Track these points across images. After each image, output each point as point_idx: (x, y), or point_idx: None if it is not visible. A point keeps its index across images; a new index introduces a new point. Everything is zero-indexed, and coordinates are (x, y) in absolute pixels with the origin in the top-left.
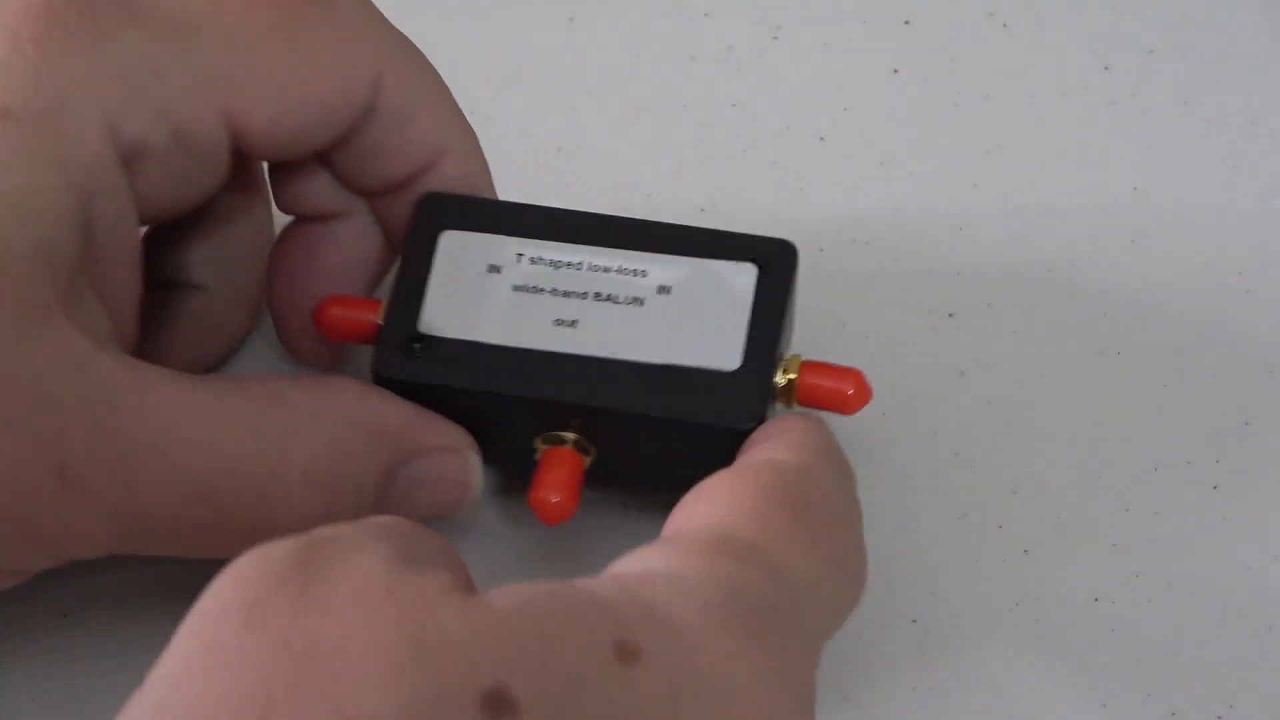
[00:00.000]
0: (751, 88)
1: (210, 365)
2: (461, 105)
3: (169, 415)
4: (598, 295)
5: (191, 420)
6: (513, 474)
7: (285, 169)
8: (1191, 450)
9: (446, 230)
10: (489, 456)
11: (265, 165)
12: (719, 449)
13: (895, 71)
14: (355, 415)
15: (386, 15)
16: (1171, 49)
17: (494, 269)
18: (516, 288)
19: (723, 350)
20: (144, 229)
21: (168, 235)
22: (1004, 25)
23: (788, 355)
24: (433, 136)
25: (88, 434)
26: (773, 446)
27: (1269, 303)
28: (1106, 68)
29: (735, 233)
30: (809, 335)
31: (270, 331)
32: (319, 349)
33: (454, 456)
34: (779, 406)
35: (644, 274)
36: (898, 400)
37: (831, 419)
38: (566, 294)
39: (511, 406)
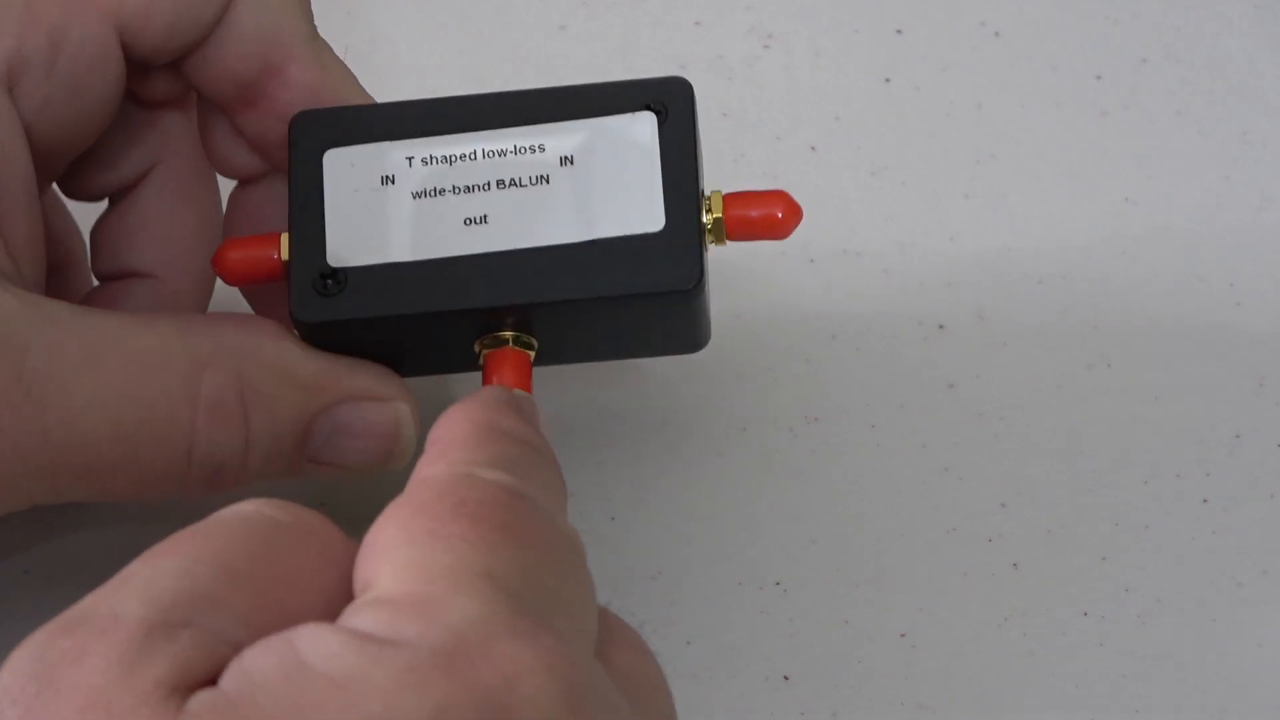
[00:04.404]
0: (742, 97)
1: None
2: None
3: (76, 351)
4: (501, 183)
5: (99, 355)
6: (460, 370)
7: (208, 128)
8: (1181, 463)
9: (328, 150)
10: (430, 368)
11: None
12: (665, 313)
13: (887, 81)
14: (268, 355)
15: (378, 23)
16: (1163, 59)
17: (387, 180)
18: (416, 194)
19: (643, 212)
20: (101, 209)
21: (108, 226)
22: (996, 34)
23: (708, 192)
24: (287, 24)
25: None
26: (425, 459)
27: (1260, 315)
28: (1098, 77)
29: (623, 81)
30: (797, 346)
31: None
32: None
33: (381, 405)
34: (711, 246)
35: (542, 149)
36: (887, 412)
37: (794, 433)
38: (469, 189)
39: (440, 322)
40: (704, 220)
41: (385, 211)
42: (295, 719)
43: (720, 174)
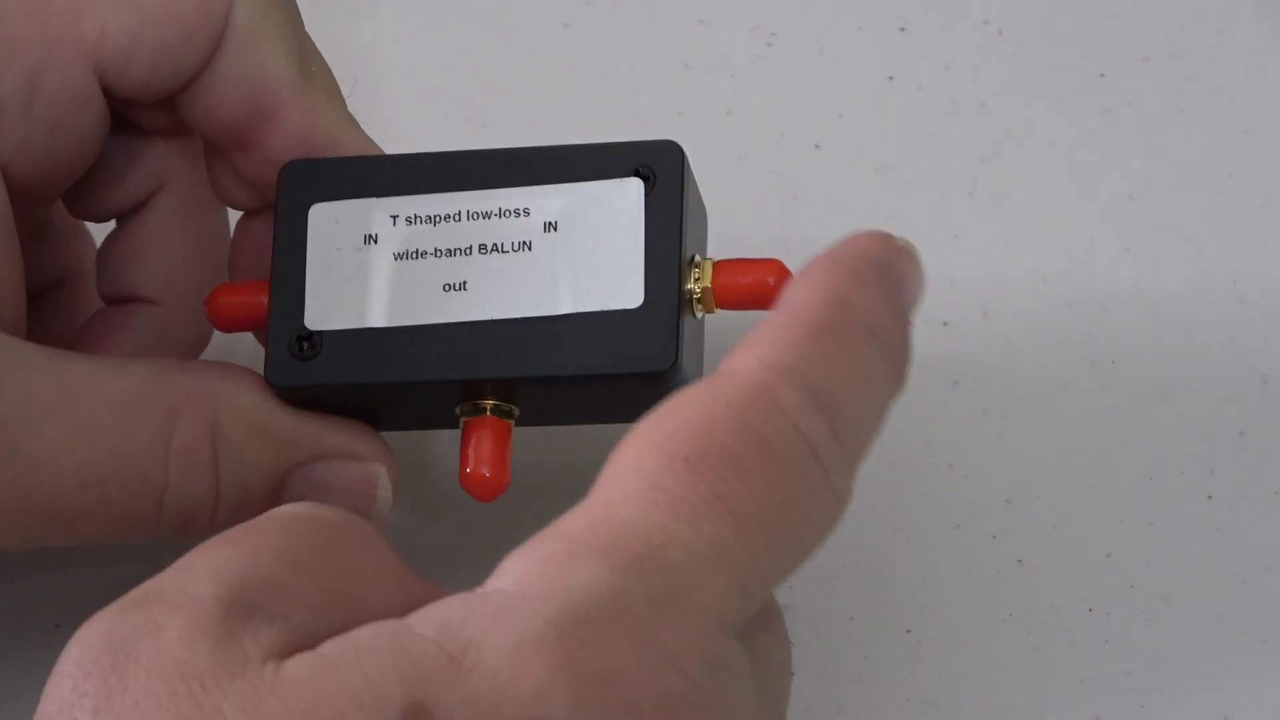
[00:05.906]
0: (746, 95)
1: None
2: (456, 112)
3: (49, 395)
4: (483, 247)
5: (73, 400)
6: (440, 428)
7: (210, 164)
8: (1186, 460)
9: (314, 204)
10: (410, 425)
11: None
12: (644, 390)
13: (890, 79)
14: (243, 405)
15: (381, 22)
16: (1166, 57)
17: (370, 239)
18: (398, 255)
19: (622, 286)
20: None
21: (112, 248)
22: (999, 32)
23: (699, 259)
24: (275, 70)
25: None
26: (744, 351)
27: (1263, 311)
28: (1102, 75)
29: (613, 144)
30: None
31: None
32: None
33: (357, 465)
34: (700, 314)
35: (526, 213)
36: (891, 409)
37: None
38: (451, 252)
39: (416, 390)
40: (690, 289)
41: (366, 272)
42: (398, 688)
43: (722, 173)
